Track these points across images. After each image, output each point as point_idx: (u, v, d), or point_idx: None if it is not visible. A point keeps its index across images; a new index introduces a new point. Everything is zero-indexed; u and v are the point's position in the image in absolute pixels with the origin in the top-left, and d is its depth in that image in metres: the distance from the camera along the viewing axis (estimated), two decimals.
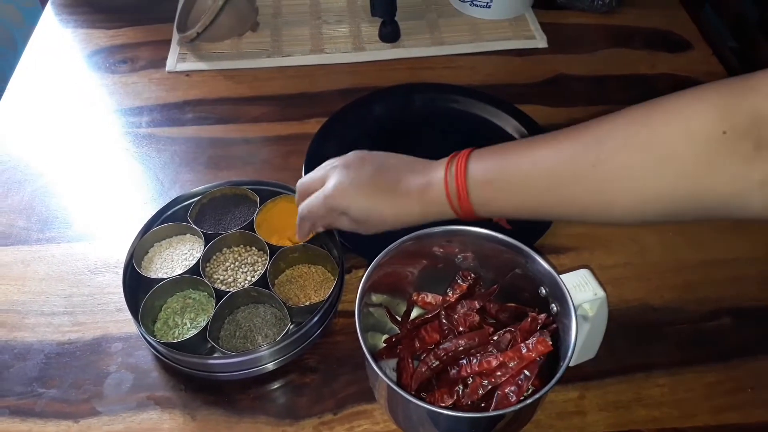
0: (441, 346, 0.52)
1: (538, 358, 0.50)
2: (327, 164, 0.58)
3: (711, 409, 0.58)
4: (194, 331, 0.59)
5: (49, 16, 0.99)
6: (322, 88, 0.88)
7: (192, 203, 0.69)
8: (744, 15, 0.99)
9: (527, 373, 0.50)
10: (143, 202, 0.75)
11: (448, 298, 0.56)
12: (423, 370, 0.52)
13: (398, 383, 0.53)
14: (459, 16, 1.00)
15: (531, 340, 0.50)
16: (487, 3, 0.97)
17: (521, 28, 0.97)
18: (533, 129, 0.79)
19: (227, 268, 0.65)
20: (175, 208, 0.69)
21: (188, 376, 0.59)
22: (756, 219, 0.42)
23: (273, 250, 0.65)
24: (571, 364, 0.50)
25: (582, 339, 0.55)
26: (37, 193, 0.76)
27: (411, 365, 0.53)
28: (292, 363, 0.60)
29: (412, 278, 0.59)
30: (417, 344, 0.54)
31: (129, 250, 0.64)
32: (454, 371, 0.52)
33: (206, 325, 0.59)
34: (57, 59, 0.93)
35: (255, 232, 0.66)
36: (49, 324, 0.64)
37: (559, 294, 0.51)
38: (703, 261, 0.69)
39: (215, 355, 0.59)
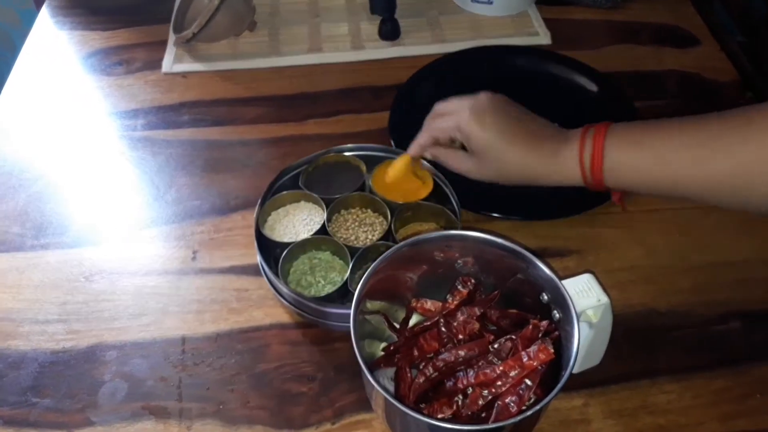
0: (440, 357, 0.51)
1: (539, 367, 0.48)
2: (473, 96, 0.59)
3: (719, 416, 0.57)
4: (331, 287, 0.62)
5: (44, 19, 0.98)
6: (321, 88, 0.87)
7: (299, 172, 0.70)
8: (752, 9, 0.97)
9: (528, 383, 0.48)
10: (138, 207, 0.74)
11: (447, 305, 0.55)
12: (421, 380, 0.50)
13: (396, 394, 0.52)
14: (460, 13, 0.98)
15: (532, 348, 0.48)
16: None
17: (524, 24, 0.95)
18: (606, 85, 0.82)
19: (348, 227, 0.67)
20: (282, 179, 0.70)
21: (329, 331, 0.62)
22: None
23: (391, 209, 0.67)
24: (574, 372, 0.48)
25: (586, 346, 0.54)
26: (32, 198, 0.75)
27: (409, 375, 0.52)
28: (290, 370, 0.60)
29: (411, 284, 0.58)
30: (416, 353, 0.53)
31: (255, 219, 0.65)
32: (452, 382, 0.50)
33: (345, 280, 0.62)
34: (52, 62, 0.92)
35: (370, 193, 0.69)
36: (43, 332, 0.63)
37: (561, 300, 0.49)
38: (711, 263, 0.67)
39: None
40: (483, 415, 0.49)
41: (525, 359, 0.48)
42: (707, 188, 0.48)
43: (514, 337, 0.51)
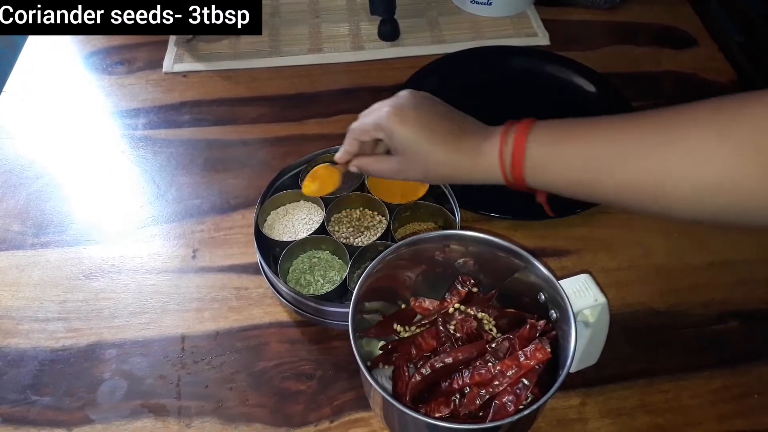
0: (438, 357, 0.51)
1: (536, 367, 0.48)
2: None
3: (717, 416, 0.57)
4: (330, 286, 0.63)
5: None
6: (321, 88, 0.87)
7: (299, 172, 0.70)
8: (751, 9, 0.97)
9: (526, 382, 0.48)
10: (139, 206, 0.74)
11: (446, 304, 0.55)
12: (418, 379, 0.50)
13: (394, 392, 0.52)
14: (460, 13, 0.98)
15: (529, 348, 0.49)
16: (488, 0, 0.95)
17: (523, 25, 0.96)
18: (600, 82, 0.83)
19: (347, 227, 0.68)
20: (282, 179, 0.70)
21: (328, 329, 0.62)
22: None
23: (390, 209, 0.67)
24: (571, 371, 0.48)
25: (583, 345, 0.54)
26: (33, 197, 0.75)
27: (407, 374, 0.52)
28: (289, 368, 0.60)
29: (410, 283, 0.58)
30: (414, 351, 0.53)
31: (254, 218, 0.66)
32: (449, 381, 0.50)
33: (344, 278, 0.62)
34: (54, 61, 0.92)
35: (368, 193, 0.69)
36: (43, 330, 0.63)
37: (558, 300, 0.50)
38: (709, 263, 0.68)
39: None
40: (480, 414, 0.49)
41: (522, 359, 0.49)
42: (628, 190, 0.45)
43: (511, 336, 0.51)
